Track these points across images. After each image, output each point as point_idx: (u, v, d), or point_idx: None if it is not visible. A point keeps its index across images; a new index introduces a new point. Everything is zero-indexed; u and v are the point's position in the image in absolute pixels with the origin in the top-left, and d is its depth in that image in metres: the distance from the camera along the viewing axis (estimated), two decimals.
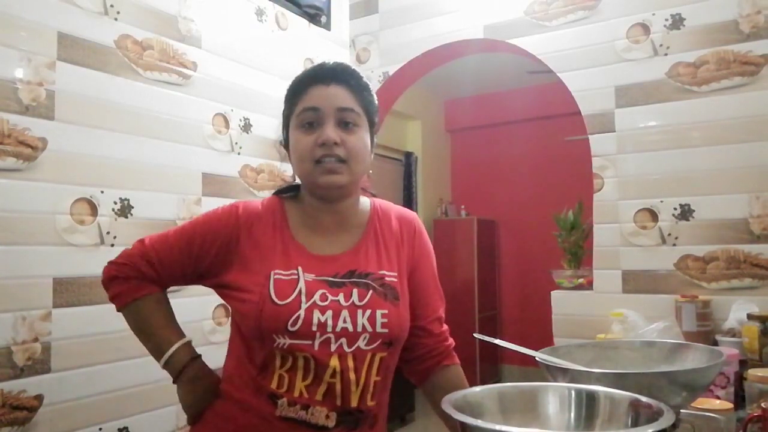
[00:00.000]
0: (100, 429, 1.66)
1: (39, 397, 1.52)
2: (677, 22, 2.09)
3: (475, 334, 1.23)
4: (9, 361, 1.47)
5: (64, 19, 1.62)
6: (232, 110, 2.15)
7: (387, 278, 1.07)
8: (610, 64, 2.21)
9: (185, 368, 1.08)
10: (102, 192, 1.70)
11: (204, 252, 1.07)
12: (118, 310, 1.11)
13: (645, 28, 2.15)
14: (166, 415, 1.84)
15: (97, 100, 1.70)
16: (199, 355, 1.11)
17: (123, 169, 1.76)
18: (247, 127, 2.22)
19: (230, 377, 1.07)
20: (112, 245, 1.71)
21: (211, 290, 1.14)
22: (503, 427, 0.66)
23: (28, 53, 1.54)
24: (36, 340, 1.52)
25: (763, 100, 1.94)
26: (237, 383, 1.05)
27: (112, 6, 1.75)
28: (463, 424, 0.70)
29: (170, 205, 1.90)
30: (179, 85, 1.96)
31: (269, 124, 2.33)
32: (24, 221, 1.52)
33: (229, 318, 1.15)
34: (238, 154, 2.18)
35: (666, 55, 2.11)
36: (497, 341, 1.12)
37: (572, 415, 0.84)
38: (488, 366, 5.41)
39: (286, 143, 1.13)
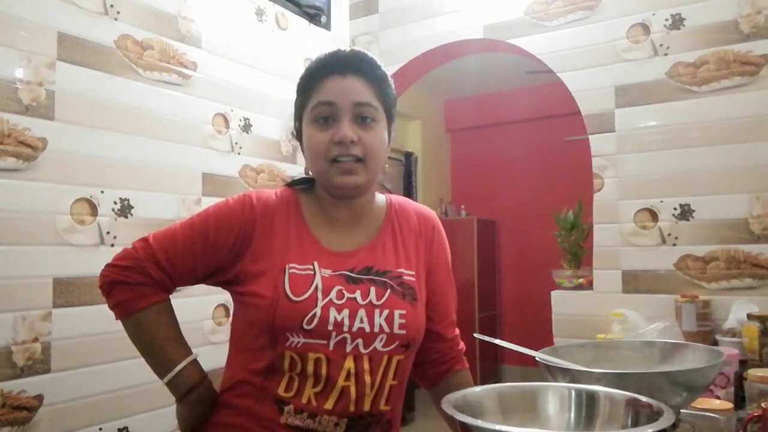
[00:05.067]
0: (100, 429, 1.66)
1: (39, 397, 1.52)
2: (677, 22, 2.09)
3: (475, 334, 1.22)
4: (9, 361, 1.47)
5: (64, 19, 1.62)
6: (232, 110, 2.15)
7: (405, 277, 1.02)
8: (610, 64, 2.20)
9: (193, 389, 1.01)
10: (102, 192, 1.70)
11: (219, 247, 0.99)
12: (119, 319, 1.02)
13: (645, 28, 2.15)
14: (166, 415, 1.83)
15: (97, 100, 1.70)
16: (206, 374, 1.04)
17: (123, 169, 1.76)
18: (247, 127, 2.22)
19: (232, 384, 1.01)
20: (112, 245, 1.71)
21: (211, 290, 1.10)
22: (503, 427, 0.66)
23: (28, 53, 1.54)
24: (36, 340, 1.52)
25: (763, 100, 1.94)
26: (239, 390, 0.99)
27: (112, 6, 1.75)
28: (463, 424, 0.70)
29: (170, 205, 1.90)
30: (179, 85, 1.95)
31: (269, 124, 2.33)
32: (24, 221, 1.52)
33: (230, 318, 1.11)
34: (238, 154, 2.18)
35: (666, 55, 2.11)
36: (497, 341, 1.12)
37: (572, 415, 0.84)
38: (488, 366, 5.40)
39: (298, 135, 1.07)
